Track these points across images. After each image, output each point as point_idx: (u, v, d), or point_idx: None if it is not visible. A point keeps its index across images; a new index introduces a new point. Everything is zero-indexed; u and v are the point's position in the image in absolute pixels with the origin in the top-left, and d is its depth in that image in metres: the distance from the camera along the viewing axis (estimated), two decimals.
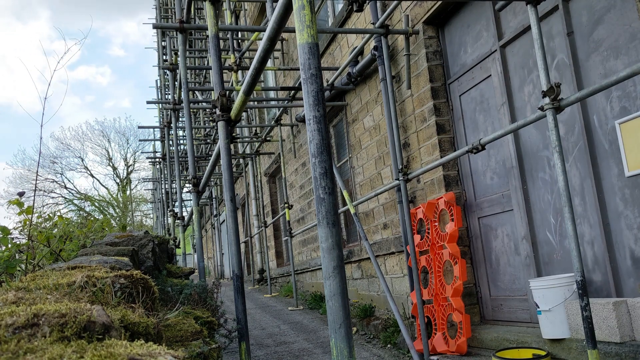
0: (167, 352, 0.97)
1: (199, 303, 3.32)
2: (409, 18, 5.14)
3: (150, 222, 34.38)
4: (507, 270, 4.47)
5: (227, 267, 19.67)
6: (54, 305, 1.14)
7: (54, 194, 33.38)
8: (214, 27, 3.25)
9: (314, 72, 1.67)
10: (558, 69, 3.84)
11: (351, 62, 6.06)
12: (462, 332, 4.25)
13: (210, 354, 2.25)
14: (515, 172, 4.30)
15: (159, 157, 15.28)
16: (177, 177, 7.17)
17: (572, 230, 2.81)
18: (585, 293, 2.78)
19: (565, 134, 3.80)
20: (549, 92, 2.90)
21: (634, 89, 3.28)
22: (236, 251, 3.01)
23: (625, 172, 3.33)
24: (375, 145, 6.17)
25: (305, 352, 5.17)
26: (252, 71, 2.66)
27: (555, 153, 2.89)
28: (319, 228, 1.62)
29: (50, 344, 0.95)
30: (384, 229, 6.02)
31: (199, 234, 4.99)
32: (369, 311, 6.13)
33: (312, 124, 1.65)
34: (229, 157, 3.06)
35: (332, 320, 1.57)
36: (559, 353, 3.49)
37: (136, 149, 35.03)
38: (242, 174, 14.31)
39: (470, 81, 4.77)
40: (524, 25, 4.10)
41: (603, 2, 3.47)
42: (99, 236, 4.19)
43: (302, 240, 9.58)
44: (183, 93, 5.18)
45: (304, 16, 1.70)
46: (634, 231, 3.33)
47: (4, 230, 3.07)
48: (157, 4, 14.39)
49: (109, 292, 1.57)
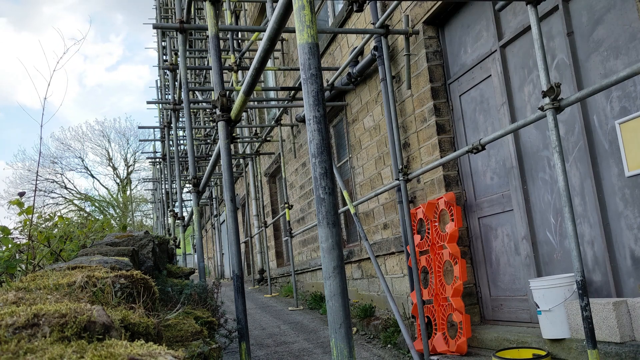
0: (167, 352, 0.97)
1: (199, 303, 3.32)
2: (409, 18, 5.14)
3: (150, 222, 34.39)
4: (507, 270, 4.47)
5: (227, 267, 19.67)
6: (54, 305, 1.14)
7: (54, 194, 33.41)
8: (214, 27, 3.26)
9: (314, 72, 1.67)
10: (558, 69, 3.84)
11: (351, 62, 6.06)
12: (462, 332, 4.25)
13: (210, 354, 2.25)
14: (515, 172, 4.30)
15: (159, 157, 15.29)
16: (177, 177, 7.17)
17: (572, 230, 2.81)
18: (585, 293, 2.78)
19: (565, 134, 3.80)
20: (549, 92, 2.90)
21: (634, 89, 3.28)
22: (236, 251, 3.01)
23: (625, 172, 3.33)
24: (375, 146, 6.17)
25: (305, 352, 5.17)
26: (252, 71, 2.66)
27: (555, 153, 2.89)
28: (319, 228, 1.63)
29: (51, 344, 0.95)
30: (384, 229, 6.02)
31: (199, 234, 4.99)
32: (369, 311, 6.13)
33: (312, 124, 1.65)
34: (229, 157, 3.06)
35: (332, 320, 1.57)
36: (559, 353, 3.49)
37: (136, 149, 35.08)
38: (242, 174, 14.31)
39: (470, 81, 4.77)
40: (524, 25, 4.10)
41: (603, 2, 3.47)
42: (99, 236, 4.19)
43: (302, 241, 9.58)
44: (183, 93, 5.18)
45: (304, 16, 1.70)
46: (634, 231, 3.33)
47: (4, 230, 3.07)
48: (157, 4, 14.39)
49: (109, 292, 1.57)
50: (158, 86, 16.29)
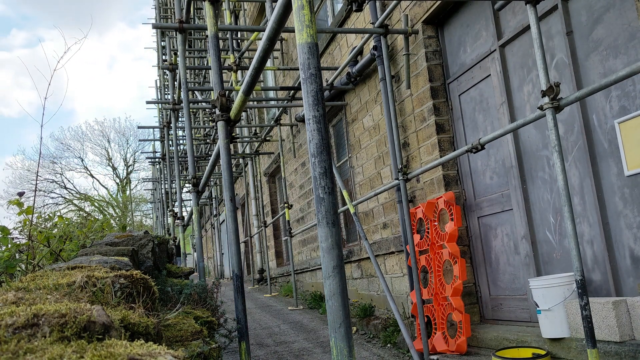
0: (167, 352, 0.98)
1: (199, 303, 3.32)
2: (408, 18, 5.14)
3: (150, 222, 34.38)
4: (507, 270, 4.47)
5: (227, 267, 19.67)
6: (54, 305, 1.14)
7: (53, 194, 33.41)
8: (213, 27, 3.25)
9: (313, 72, 1.67)
10: (557, 68, 3.84)
11: (350, 61, 6.06)
12: (461, 332, 4.25)
13: (210, 354, 2.25)
14: (514, 172, 4.30)
15: (158, 157, 15.28)
16: (177, 177, 7.16)
17: (571, 230, 2.81)
18: (584, 292, 2.78)
19: (565, 134, 3.80)
20: (548, 92, 2.90)
21: (633, 88, 3.28)
22: (236, 251, 3.01)
23: (625, 172, 3.33)
24: (374, 145, 6.17)
25: (305, 352, 5.17)
26: (252, 71, 2.66)
27: (555, 152, 2.89)
28: (319, 228, 1.63)
29: (50, 344, 0.95)
30: (384, 228, 6.02)
31: (198, 234, 4.99)
32: (369, 311, 6.13)
33: (311, 124, 1.65)
34: (228, 157, 3.06)
35: (332, 319, 1.57)
36: (558, 352, 3.50)
37: (136, 149, 35.08)
38: (241, 174, 14.31)
39: (469, 81, 4.77)
40: (523, 24, 4.10)
41: (602, 1, 3.47)
42: (98, 236, 4.19)
43: (302, 240, 9.58)
44: (183, 93, 5.18)
45: (304, 16, 1.70)
46: (633, 230, 3.34)
47: (4, 230, 3.07)
48: (156, 4, 14.39)
49: (109, 292, 1.57)
50: (157, 86, 16.28)
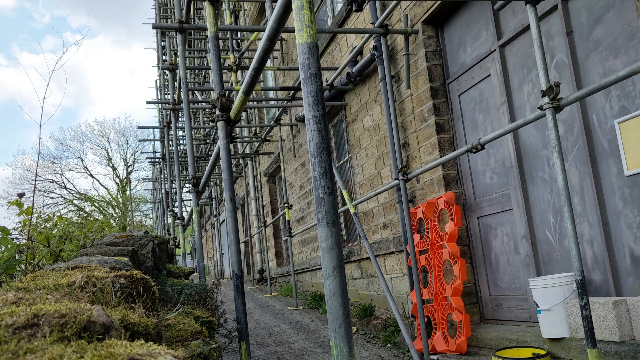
0: (167, 352, 0.98)
1: (199, 303, 3.32)
2: (408, 18, 5.14)
3: (150, 222, 34.37)
4: (507, 270, 4.47)
5: (227, 267, 19.67)
6: (54, 305, 1.14)
7: (53, 194, 33.40)
8: (213, 27, 3.25)
9: (313, 72, 1.67)
10: (557, 68, 3.84)
11: (350, 61, 6.06)
12: (461, 332, 4.25)
13: (210, 354, 2.25)
14: (514, 172, 4.30)
15: (158, 157, 15.28)
16: (177, 177, 7.16)
17: (571, 230, 2.81)
18: (584, 292, 2.79)
19: (565, 134, 3.80)
20: (548, 92, 2.90)
21: (633, 88, 3.28)
22: (236, 251, 3.02)
23: (625, 171, 3.33)
24: (374, 145, 6.17)
25: (305, 352, 5.17)
26: (252, 71, 2.66)
27: (555, 152, 2.89)
28: (319, 228, 1.63)
29: (50, 344, 0.95)
30: (384, 228, 6.02)
31: (198, 234, 4.99)
32: (369, 311, 6.13)
33: (311, 124, 1.65)
34: (228, 157, 3.06)
35: (332, 319, 1.57)
36: (558, 352, 3.50)
37: (136, 149, 35.08)
38: (241, 174, 14.31)
39: (469, 81, 4.77)
40: (523, 24, 4.10)
41: (602, 1, 3.47)
42: (98, 236, 4.19)
43: (302, 240, 9.58)
44: (183, 93, 5.18)
45: (303, 16, 1.70)
46: (633, 230, 3.34)
47: (3, 230, 3.07)
48: (156, 4, 14.39)
49: (109, 292, 1.57)
50: (157, 86, 16.28)
